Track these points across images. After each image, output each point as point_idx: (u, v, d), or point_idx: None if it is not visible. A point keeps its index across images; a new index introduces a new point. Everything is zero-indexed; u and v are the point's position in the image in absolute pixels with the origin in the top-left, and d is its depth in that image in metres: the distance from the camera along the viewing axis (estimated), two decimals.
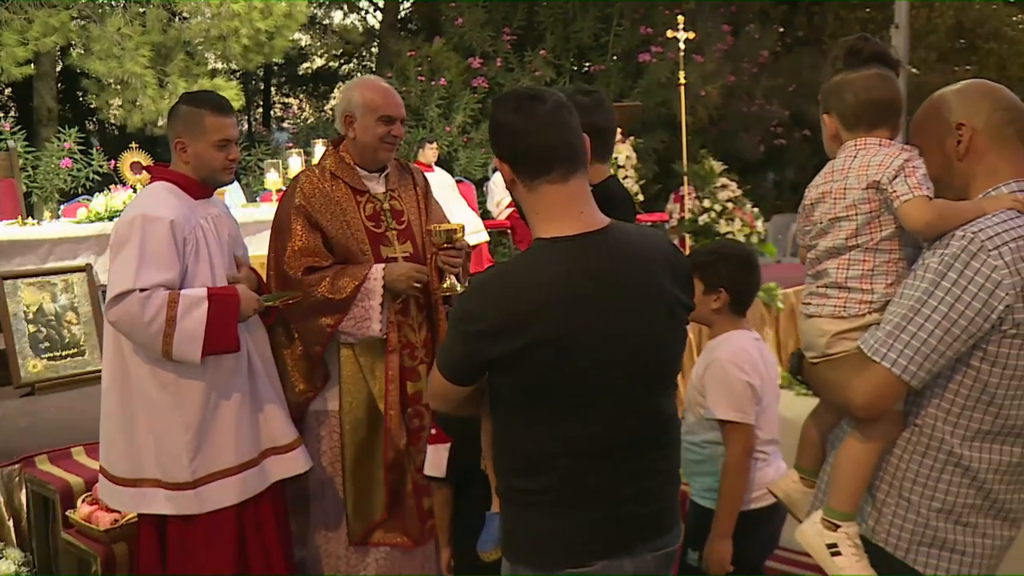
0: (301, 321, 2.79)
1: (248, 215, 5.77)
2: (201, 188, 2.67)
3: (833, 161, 1.82)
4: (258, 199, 6.99)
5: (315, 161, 6.48)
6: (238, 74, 11.81)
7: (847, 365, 1.73)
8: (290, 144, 10.57)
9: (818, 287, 1.82)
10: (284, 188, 7.21)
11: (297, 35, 13.05)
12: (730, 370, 2.45)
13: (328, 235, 2.78)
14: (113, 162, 6.49)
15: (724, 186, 6.65)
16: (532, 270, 1.72)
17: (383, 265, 2.76)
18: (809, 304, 1.83)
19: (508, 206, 9.07)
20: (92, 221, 5.26)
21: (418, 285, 2.77)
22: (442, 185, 9.20)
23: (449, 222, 2.94)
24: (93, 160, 7.90)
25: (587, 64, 11.87)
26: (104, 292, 4.78)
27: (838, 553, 1.75)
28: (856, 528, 1.77)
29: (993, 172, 1.72)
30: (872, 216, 1.73)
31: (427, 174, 11.06)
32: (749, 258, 2.64)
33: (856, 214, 1.74)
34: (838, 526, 1.76)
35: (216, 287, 2.55)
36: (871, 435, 1.74)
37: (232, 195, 6.86)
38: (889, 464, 1.76)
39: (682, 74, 7.40)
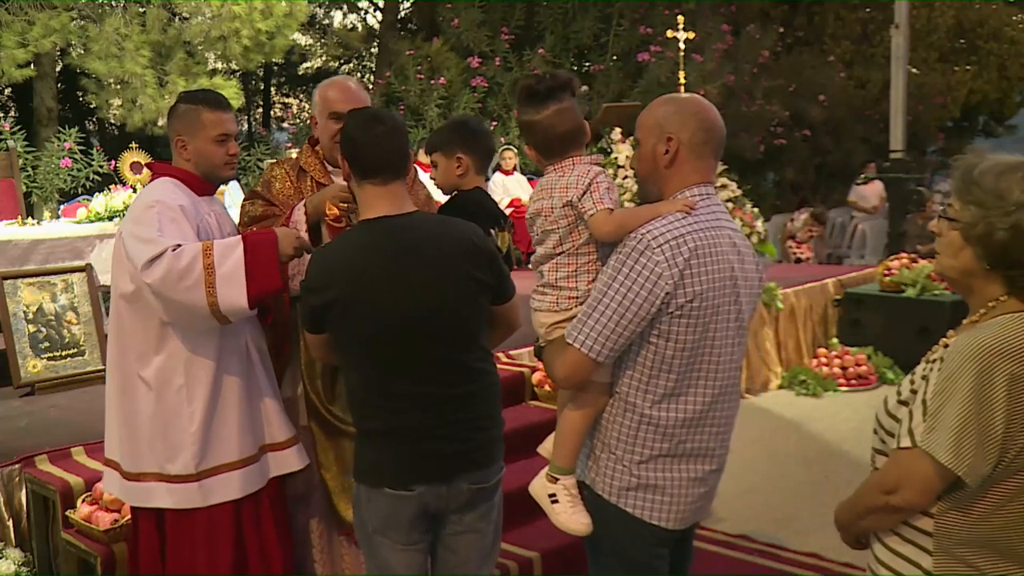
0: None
1: None
2: (203, 184, 2.68)
3: (542, 179, 2.17)
4: None
5: None
6: (238, 74, 11.81)
7: (554, 348, 2.10)
8: (290, 144, 10.57)
9: (539, 286, 2.18)
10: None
11: (297, 35, 13.05)
12: None
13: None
14: (113, 162, 6.50)
15: (724, 186, 6.63)
16: (343, 242, 2.25)
17: (303, 202, 2.75)
18: (534, 299, 2.18)
19: (508, 206, 9.08)
20: (92, 221, 5.26)
21: (344, 205, 2.67)
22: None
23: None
24: (93, 160, 7.90)
25: (587, 64, 11.85)
26: (104, 292, 4.79)
27: (556, 501, 2.14)
28: (573, 480, 2.15)
29: (684, 180, 2.07)
30: (571, 227, 2.08)
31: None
32: None
33: (559, 227, 2.10)
34: (557, 479, 2.14)
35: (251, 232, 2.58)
36: (580, 403, 2.11)
37: (231, 195, 6.87)
38: (601, 426, 2.13)
39: (682, 74, 7.38)
